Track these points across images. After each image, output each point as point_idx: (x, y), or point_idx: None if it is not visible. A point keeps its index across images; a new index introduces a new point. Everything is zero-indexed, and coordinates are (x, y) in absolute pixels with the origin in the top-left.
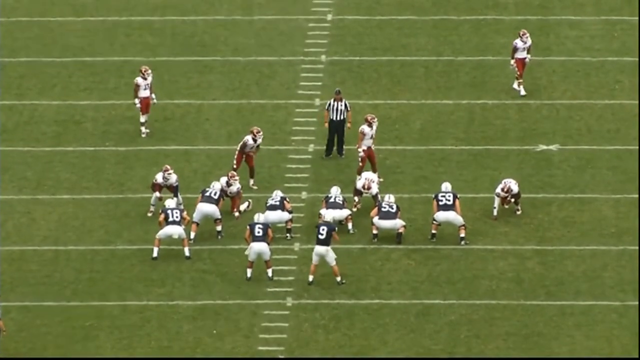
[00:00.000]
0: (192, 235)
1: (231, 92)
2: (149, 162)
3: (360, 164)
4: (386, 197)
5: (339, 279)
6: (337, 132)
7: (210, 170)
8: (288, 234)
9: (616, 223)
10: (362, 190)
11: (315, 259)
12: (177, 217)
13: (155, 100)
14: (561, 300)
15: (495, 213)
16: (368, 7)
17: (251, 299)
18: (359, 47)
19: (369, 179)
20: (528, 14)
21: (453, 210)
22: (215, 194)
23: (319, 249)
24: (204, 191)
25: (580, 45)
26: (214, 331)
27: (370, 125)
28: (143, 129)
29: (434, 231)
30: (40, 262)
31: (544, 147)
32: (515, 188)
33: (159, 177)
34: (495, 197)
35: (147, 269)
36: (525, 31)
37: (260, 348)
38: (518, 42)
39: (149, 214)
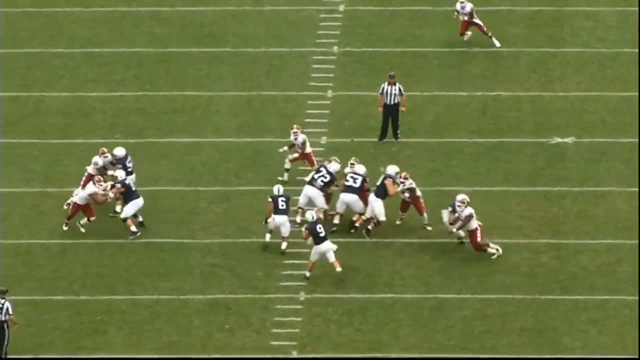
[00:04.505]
0: (134, 229)
1: (241, 84)
2: (157, 154)
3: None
4: (356, 166)
5: (339, 269)
6: (391, 116)
7: (219, 163)
8: (296, 224)
9: (631, 216)
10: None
11: (315, 257)
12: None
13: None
14: (575, 294)
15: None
16: None
17: (263, 293)
18: (371, 38)
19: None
20: (542, 4)
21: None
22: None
23: (325, 246)
24: None
25: (595, 36)
26: (226, 325)
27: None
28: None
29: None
30: (48, 256)
31: (559, 139)
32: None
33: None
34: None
35: (155, 262)
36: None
37: (273, 343)
38: (458, 6)
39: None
